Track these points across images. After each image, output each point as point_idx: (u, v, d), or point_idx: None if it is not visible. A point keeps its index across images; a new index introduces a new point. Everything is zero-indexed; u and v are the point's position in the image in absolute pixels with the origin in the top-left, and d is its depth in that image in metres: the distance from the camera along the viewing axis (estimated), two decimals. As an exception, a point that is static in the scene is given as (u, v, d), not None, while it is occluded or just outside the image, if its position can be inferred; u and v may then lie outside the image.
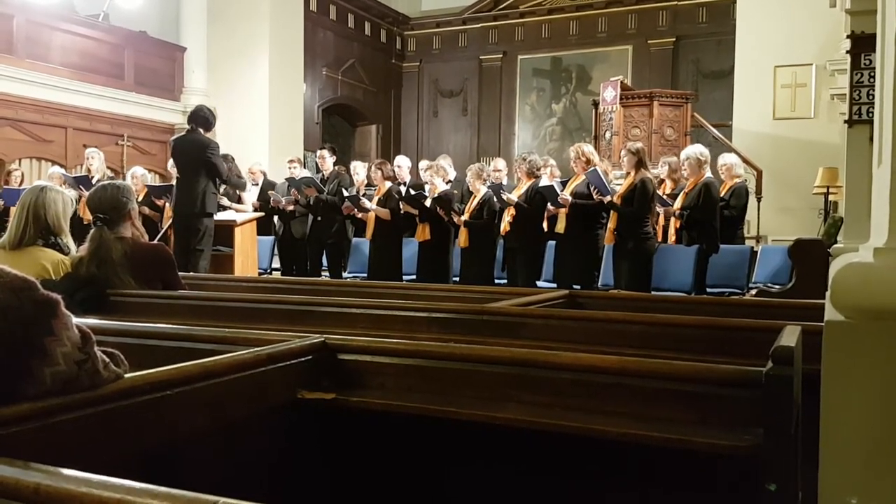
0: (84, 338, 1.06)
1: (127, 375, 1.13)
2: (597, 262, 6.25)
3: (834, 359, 1.29)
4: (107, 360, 1.10)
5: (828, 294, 1.33)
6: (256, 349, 1.44)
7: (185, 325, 2.04)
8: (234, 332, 1.72)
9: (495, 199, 6.55)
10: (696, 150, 6.24)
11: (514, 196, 6.42)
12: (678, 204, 6.09)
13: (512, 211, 6.44)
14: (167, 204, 7.19)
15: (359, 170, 7.90)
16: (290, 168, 8.24)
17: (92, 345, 1.07)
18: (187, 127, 6.34)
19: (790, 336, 1.42)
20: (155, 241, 4.38)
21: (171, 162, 7.24)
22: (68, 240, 3.13)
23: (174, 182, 6.81)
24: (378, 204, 7.14)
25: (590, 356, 1.48)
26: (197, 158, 6.10)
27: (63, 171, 8.27)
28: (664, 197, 6.22)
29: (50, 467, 0.74)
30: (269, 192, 7.98)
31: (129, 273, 2.89)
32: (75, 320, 1.06)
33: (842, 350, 1.27)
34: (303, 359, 1.51)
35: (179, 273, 3.21)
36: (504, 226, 6.52)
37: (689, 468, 1.26)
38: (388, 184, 7.25)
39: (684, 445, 1.25)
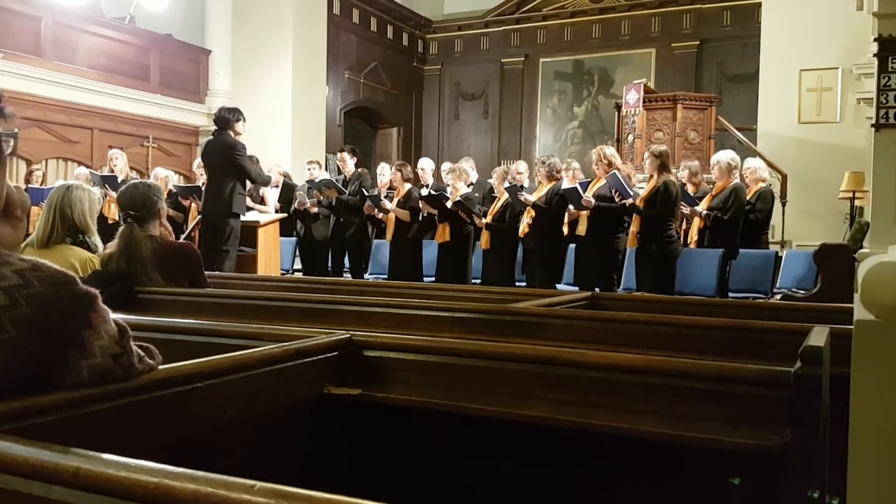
0: (121, 331, 1.07)
1: (160, 367, 1.15)
2: (617, 266, 6.22)
3: (864, 357, 1.28)
4: (142, 353, 1.12)
5: (857, 294, 1.32)
6: (284, 344, 1.45)
7: (211, 322, 2.06)
8: (261, 328, 1.74)
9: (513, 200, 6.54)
10: (727, 155, 6.30)
11: (531, 198, 6.40)
12: (703, 206, 6.06)
13: (531, 213, 6.43)
14: (193, 204, 7.27)
15: (384, 171, 7.92)
16: (308, 169, 8.28)
17: (128, 339, 1.09)
18: (212, 129, 6.44)
19: (818, 337, 1.41)
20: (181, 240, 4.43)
21: (196, 162, 7.32)
22: (95, 238, 3.17)
23: (200, 183, 6.89)
24: (398, 205, 7.16)
25: (615, 354, 1.48)
26: (223, 160, 6.18)
27: (89, 170, 8.37)
28: (692, 196, 6.18)
29: (89, 452, 0.75)
30: (297, 192, 8.03)
31: (157, 270, 2.92)
32: (112, 315, 1.08)
33: (872, 349, 1.26)
34: (329, 354, 1.52)
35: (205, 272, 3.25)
36: (523, 227, 6.51)
37: (715, 467, 1.26)
38: (408, 185, 7.26)
39: (711, 444, 1.24)
